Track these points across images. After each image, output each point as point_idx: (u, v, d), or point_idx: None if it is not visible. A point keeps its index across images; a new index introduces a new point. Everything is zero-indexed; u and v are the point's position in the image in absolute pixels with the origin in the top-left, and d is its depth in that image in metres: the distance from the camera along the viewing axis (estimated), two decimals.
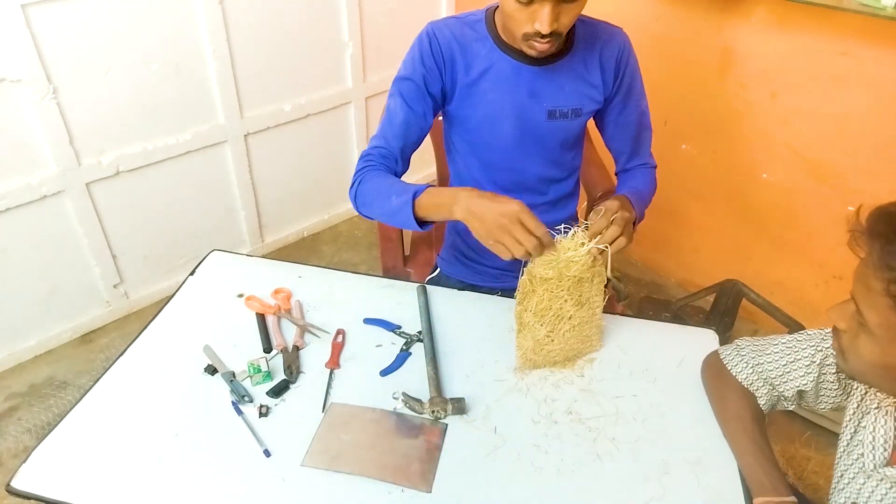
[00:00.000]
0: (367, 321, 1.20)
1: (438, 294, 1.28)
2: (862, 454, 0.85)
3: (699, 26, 2.02)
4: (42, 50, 1.77)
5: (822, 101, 1.86)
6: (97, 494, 0.89)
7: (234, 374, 1.08)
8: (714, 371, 1.06)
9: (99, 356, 2.14)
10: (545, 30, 1.02)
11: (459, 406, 1.02)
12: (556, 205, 1.34)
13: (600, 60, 1.20)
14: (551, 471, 0.94)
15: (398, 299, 1.26)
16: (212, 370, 1.08)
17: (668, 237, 2.43)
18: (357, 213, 1.18)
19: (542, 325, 1.03)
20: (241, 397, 1.04)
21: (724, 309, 2.06)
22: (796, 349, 0.97)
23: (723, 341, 1.16)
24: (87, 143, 1.96)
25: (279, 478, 0.92)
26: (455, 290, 1.30)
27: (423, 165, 2.89)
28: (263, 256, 2.50)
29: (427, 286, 1.28)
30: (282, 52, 2.27)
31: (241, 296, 1.26)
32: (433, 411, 1.00)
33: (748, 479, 0.92)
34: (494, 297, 1.28)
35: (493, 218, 0.94)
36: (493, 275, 1.39)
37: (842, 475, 0.91)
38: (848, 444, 0.89)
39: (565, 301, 1.02)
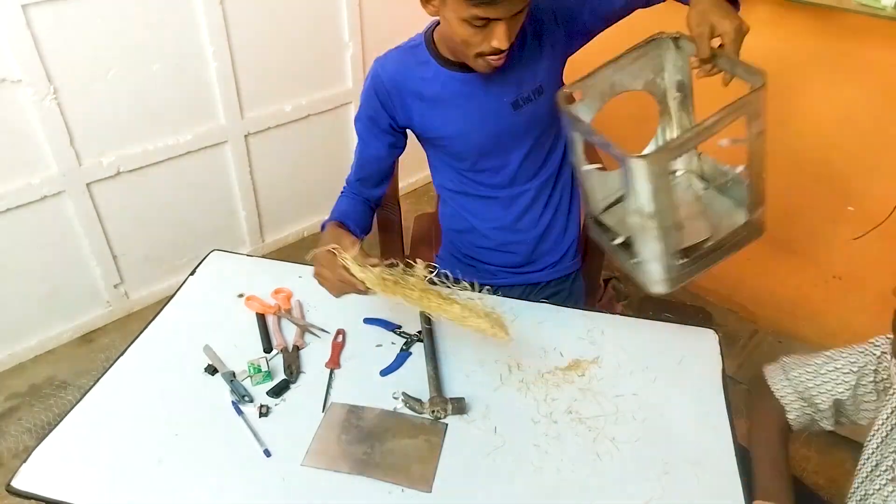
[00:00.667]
0: (367, 321, 1.20)
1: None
2: None
3: None
4: (42, 50, 1.77)
5: (823, 102, 1.86)
6: (97, 494, 0.90)
7: (234, 374, 1.08)
8: (756, 384, 1.08)
9: (99, 356, 2.14)
10: (505, 46, 1.01)
11: (459, 406, 1.02)
12: (548, 182, 1.33)
13: (533, 32, 1.16)
14: (551, 470, 0.95)
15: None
16: (212, 370, 1.08)
17: None
18: None
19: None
20: (241, 397, 1.04)
21: None
22: (836, 358, 0.98)
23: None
24: (87, 143, 1.96)
25: (279, 478, 0.92)
26: (455, 290, 1.30)
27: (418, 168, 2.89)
28: (263, 256, 2.50)
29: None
30: (282, 53, 2.28)
31: (241, 296, 1.26)
32: (433, 411, 1.01)
33: (756, 482, 0.93)
34: (494, 296, 1.28)
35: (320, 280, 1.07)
36: (491, 272, 1.39)
37: (865, 480, 0.90)
38: (879, 447, 0.89)
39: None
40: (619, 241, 1.08)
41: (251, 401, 1.04)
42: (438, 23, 1.13)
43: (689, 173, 1.24)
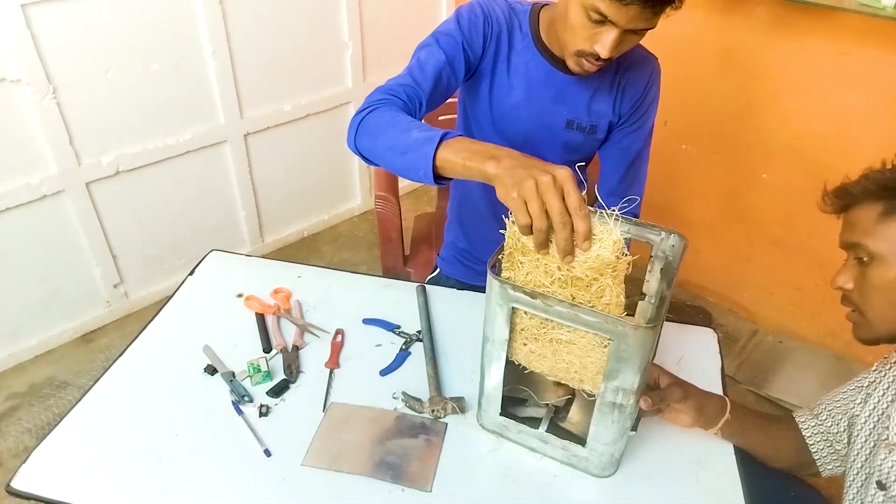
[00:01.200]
0: (367, 321, 1.20)
1: (438, 294, 1.28)
2: (887, 428, 0.87)
3: (699, 26, 2.02)
4: (42, 50, 1.77)
5: (822, 101, 1.86)
6: (97, 494, 0.89)
7: (233, 373, 1.08)
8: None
9: (99, 356, 2.14)
10: (605, 55, 0.99)
11: (459, 405, 1.02)
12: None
13: (624, 82, 1.17)
14: (551, 470, 0.94)
15: (398, 299, 1.26)
16: (211, 370, 1.08)
17: None
18: (355, 151, 1.02)
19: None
20: (241, 397, 1.04)
21: None
22: (855, 380, 1.00)
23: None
24: (87, 142, 1.96)
25: (279, 478, 0.92)
26: (455, 290, 1.30)
27: None
28: (263, 256, 2.50)
29: (426, 286, 1.28)
30: (282, 52, 2.28)
31: (240, 296, 1.26)
32: (433, 410, 1.00)
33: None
34: None
35: (530, 173, 0.76)
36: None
37: (858, 456, 0.91)
38: (867, 421, 0.92)
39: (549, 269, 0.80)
40: (544, 426, 0.96)
41: (251, 401, 1.04)
42: (545, 4, 1.14)
43: None
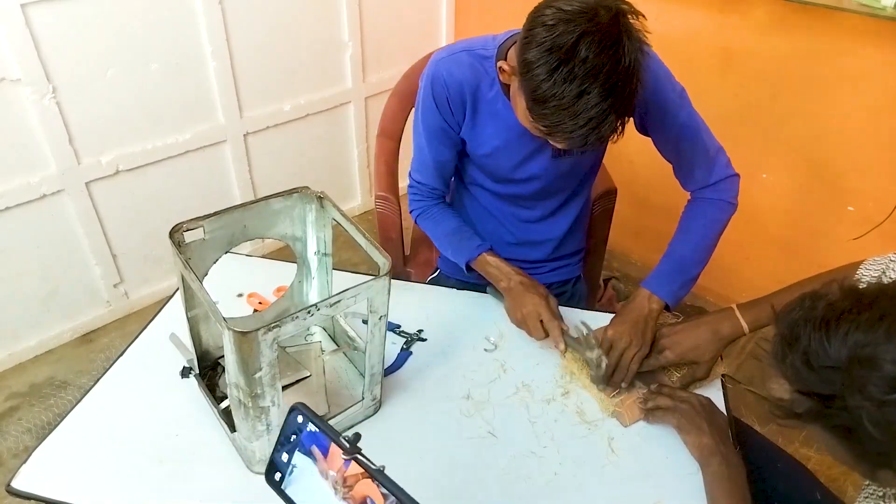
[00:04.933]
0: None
1: (438, 294, 1.28)
2: None
3: (699, 26, 2.02)
4: (42, 49, 1.77)
5: (822, 101, 1.86)
6: (97, 494, 0.89)
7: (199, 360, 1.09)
8: None
9: (99, 356, 2.13)
10: (564, 147, 0.99)
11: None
12: (556, 212, 1.33)
13: None
14: (551, 470, 0.94)
15: (398, 299, 1.25)
16: (186, 372, 1.08)
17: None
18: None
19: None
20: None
21: None
22: None
23: None
24: (86, 142, 1.96)
25: None
26: (455, 290, 1.30)
27: None
28: (264, 256, 2.50)
29: (422, 290, 1.29)
30: (282, 52, 2.27)
31: (240, 295, 1.26)
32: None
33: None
34: (495, 296, 1.28)
35: (519, 307, 1.12)
36: None
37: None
38: None
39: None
40: (225, 404, 0.97)
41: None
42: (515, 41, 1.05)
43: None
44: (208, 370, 1.06)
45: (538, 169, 1.19)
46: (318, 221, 1.05)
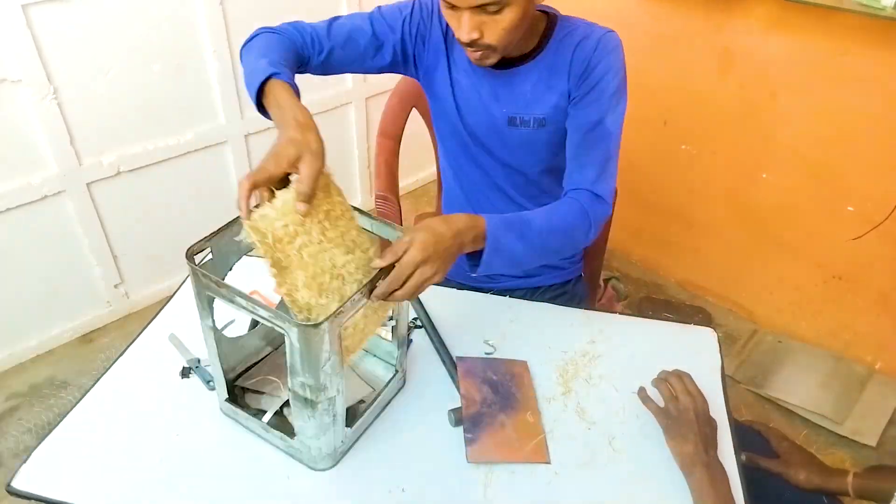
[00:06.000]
0: None
1: (438, 294, 1.28)
2: None
3: (699, 26, 2.02)
4: (43, 50, 1.77)
5: (822, 101, 1.86)
6: (97, 494, 0.89)
7: (199, 360, 1.09)
8: None
9: (99, 356, 2.14)
10: (462, 38, 0.98)
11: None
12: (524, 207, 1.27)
13: (570, 64, 1.08)
14: (550, 470, 0.95)
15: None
16: (186, 372, 1.08)
17: (668, 237, 2.43)
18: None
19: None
20: (206, 382, 1.05)
21: None
22: None
23: None
24: (87, 143, 1.96)
25: (283, 476, 0.92)
26: (454, 290, 1.30)
27: (418, 168, 2.89)
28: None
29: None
30: None
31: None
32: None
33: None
34: (494, 296, 1.28)
35: (275, 151, 0.85)
36: (489, 275, 1.38)
37: None
38: None
39: (320, 252, 0.83)
40: (268, 417, 0.96)
41: (215, 388, 1.04)
42: None
43: None
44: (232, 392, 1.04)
45: (498, 136, 1.17)
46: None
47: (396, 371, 1.03)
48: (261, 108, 0.95)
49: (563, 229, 1.04)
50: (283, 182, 0.83)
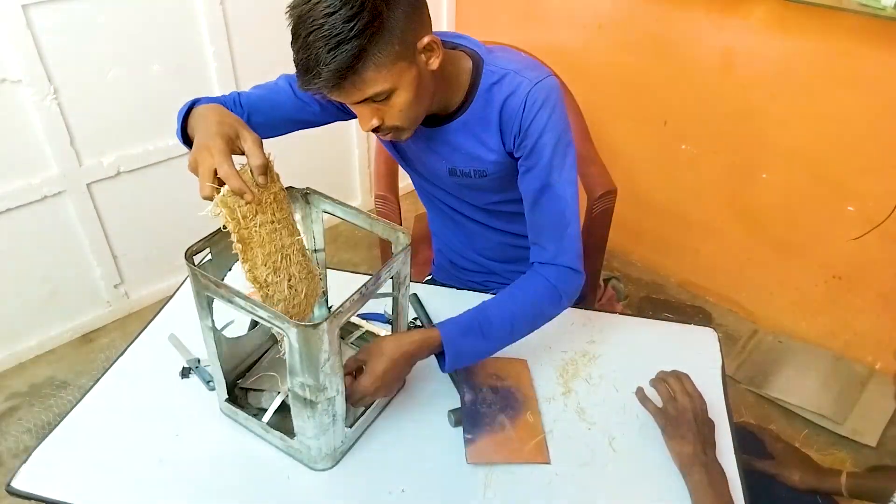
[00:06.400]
0: (360, 317, 1.20)
1: (438, 294, 1.28)
2: None
3: (699, 26, 2.02)
4: (43, 50, 1.77)
5: (822, 102, 1.86)
6: (97, 494, 0.90)
7: (199, 360, 1.09)
8: None
9: (99, 356, 2.14)
10: (364, 128, 0.94)
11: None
12: (497, 249, 1.27)
13: (500, 123, 1.01)
14: (550, 470, 0.95)
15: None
16: (186, 372, 1.08)
17: (668, 237, 2.43)
18: None
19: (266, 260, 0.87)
20: (206, 383, 1.05)
21: None
22: None
23: None
24: (88, 143, 1.96)
25: (283, 476, 0.92)
26: (455, 290, 1.30)
27: None
28: None
29: (422, 289, 1.28)
30: (282, 53, 2.25)
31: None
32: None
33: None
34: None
35: (198, 155, 0.89)
36: (478, 282, 1.38)
37: None
38: None
39: (278, 229, 0.89)
40: (268, 417, 0.96)
41: (215, 388, 1.04)
42: None
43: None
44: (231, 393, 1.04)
45: (444, 182, 1.16)
46: (306, 219, 1.04)
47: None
48: (187, 142, 0.96)
49: (529, 312, 1.02)
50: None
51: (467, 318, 0.98)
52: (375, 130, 0.95)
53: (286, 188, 0.94)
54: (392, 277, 0.93)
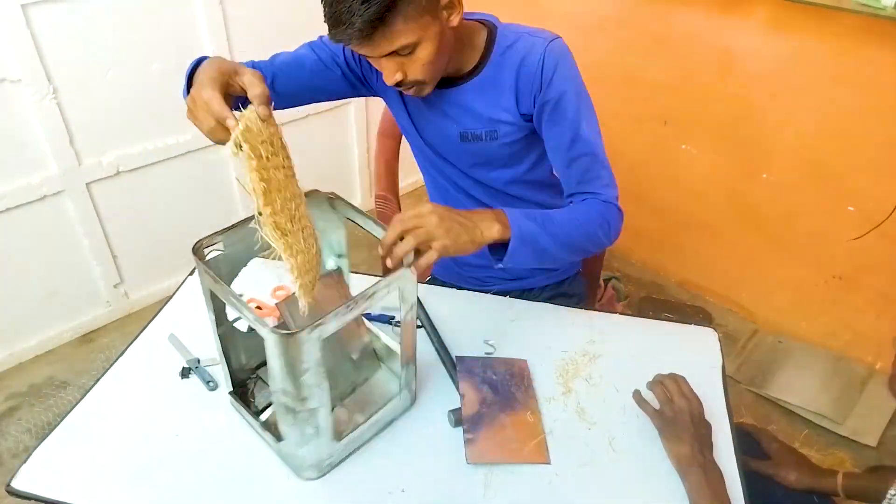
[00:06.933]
0: (364, 317, 1.20)
1: (438, 294, 1.28)
2: None
3: (699, 26, 2.02)
4: (42, 50, 1.77)
5: (822, 102, 1.86)
6: (97, 494, 0.89)
7: (198, 360, 1.09)
8: None
9: (99, 356, 2.14)
10: (387, 83, 0.98)
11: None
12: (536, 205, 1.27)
13: (517, 78, 1.05)
14: (550, 470, 0.94)
15: (397, 299, 1.25)
16: (186, 372, 1.08)
17: (668, 237, 2.43)
18: None
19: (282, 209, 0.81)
20: (206, 383, 1.05)
21: None
22: None
23: None
24: (87, 143, 1.96)
25: (283, 476, 0.92)
26: (454, 290, 1.30)
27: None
28: (264, 256, 2.50)
29: (422, 289, 1.28)
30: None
31: (240, 295, 1.25)
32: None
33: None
34: (494, 296, 1.28)
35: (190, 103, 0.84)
36: (482, 279, 1.38)
37: None
38: None
39: (290, 175, 0.83)
40: (266, 415, 0.96)
41: (216, 387, 1.05)
42: None
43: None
44: (239, 387, 1.04)
45: (455, 149, 1.17)
46: (331, 224, 1.02)
47: (400, 390, 0.98)
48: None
49: (583, 229, 1.04)
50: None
51: (528, 211, 0.98)
52: (398, 85, 0.98)
53: (311, 192, 0.92)
54: (399, 290, 0.87)
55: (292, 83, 1.14)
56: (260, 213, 0.78)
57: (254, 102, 0.79)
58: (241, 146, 0.75)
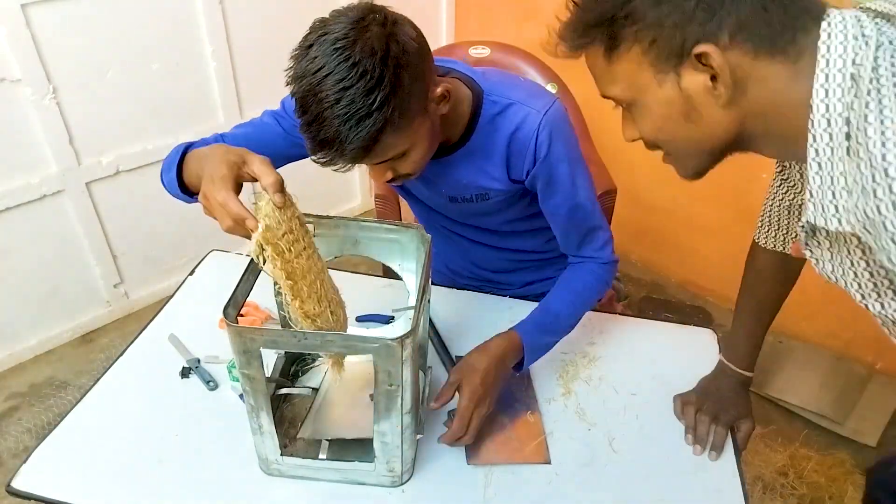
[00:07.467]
0: (361, 318, 1.20)
1: (438, 294, 1.28)
2: None
3: None
4: (42, 50, 1.77)
5: None
6: (97, 494, 0.89)
7: (199, 360, 1.09)
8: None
9: (99, 356, 2.14)
10: (376, 182, 0.96)
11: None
12: (503, 272, 1.29)
13: (507, 149, 1.00)
14: (551, 471, 0.94)
15: (397, 300, 1.25)
16: (186, 372, 1.09)
17: (668, 237, 2.43)
18: None
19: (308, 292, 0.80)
20: (206, 383, 1.06)
21: None
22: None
23: None
24: (87, 142, 1.96)
25: (283, 477, 0.92)
26: (455, 290, 1.30)
27: None
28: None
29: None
30: (282, 52, 2.25)
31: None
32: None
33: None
34: (494, 296, 1.28)
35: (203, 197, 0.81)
36: (474, 286, 1.37)
37: None
38: None
39: (312, 254, 0.82)
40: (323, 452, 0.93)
41: (216, 387, 1.05)
42: None
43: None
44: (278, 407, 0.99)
45: (446, 208, 1.16)
46: (421, 259, 0.97)
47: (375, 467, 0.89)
48: (185, 191, 0.94)
49: (583, 301, 1.09)
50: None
51: (539, 318, 1.04)
52: (388, 182, 0.95)
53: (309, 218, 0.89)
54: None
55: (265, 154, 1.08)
56: (287, 304, 0.79)
57: (268, 191, 0.76)
58: (263, 248, 0.74)
